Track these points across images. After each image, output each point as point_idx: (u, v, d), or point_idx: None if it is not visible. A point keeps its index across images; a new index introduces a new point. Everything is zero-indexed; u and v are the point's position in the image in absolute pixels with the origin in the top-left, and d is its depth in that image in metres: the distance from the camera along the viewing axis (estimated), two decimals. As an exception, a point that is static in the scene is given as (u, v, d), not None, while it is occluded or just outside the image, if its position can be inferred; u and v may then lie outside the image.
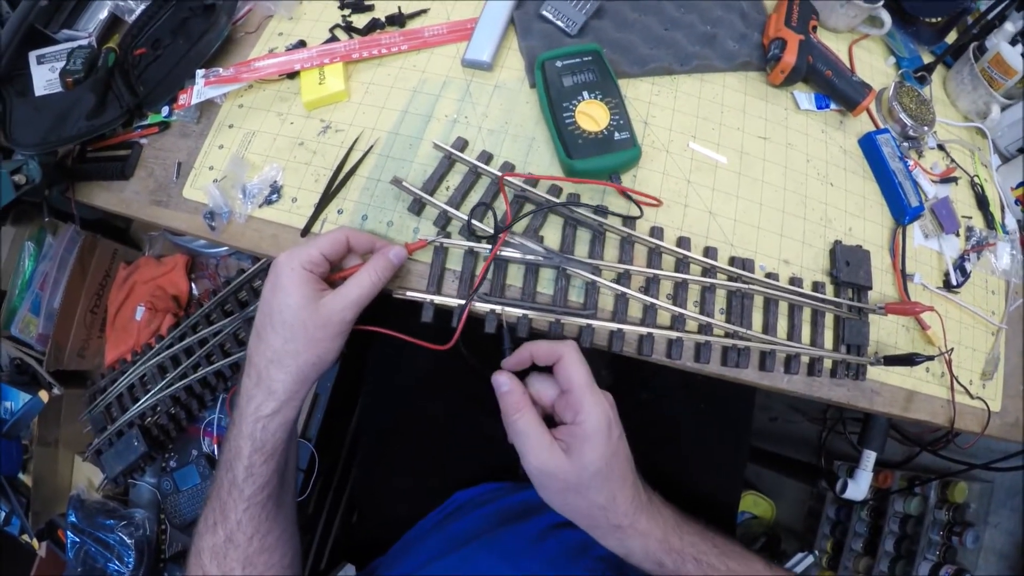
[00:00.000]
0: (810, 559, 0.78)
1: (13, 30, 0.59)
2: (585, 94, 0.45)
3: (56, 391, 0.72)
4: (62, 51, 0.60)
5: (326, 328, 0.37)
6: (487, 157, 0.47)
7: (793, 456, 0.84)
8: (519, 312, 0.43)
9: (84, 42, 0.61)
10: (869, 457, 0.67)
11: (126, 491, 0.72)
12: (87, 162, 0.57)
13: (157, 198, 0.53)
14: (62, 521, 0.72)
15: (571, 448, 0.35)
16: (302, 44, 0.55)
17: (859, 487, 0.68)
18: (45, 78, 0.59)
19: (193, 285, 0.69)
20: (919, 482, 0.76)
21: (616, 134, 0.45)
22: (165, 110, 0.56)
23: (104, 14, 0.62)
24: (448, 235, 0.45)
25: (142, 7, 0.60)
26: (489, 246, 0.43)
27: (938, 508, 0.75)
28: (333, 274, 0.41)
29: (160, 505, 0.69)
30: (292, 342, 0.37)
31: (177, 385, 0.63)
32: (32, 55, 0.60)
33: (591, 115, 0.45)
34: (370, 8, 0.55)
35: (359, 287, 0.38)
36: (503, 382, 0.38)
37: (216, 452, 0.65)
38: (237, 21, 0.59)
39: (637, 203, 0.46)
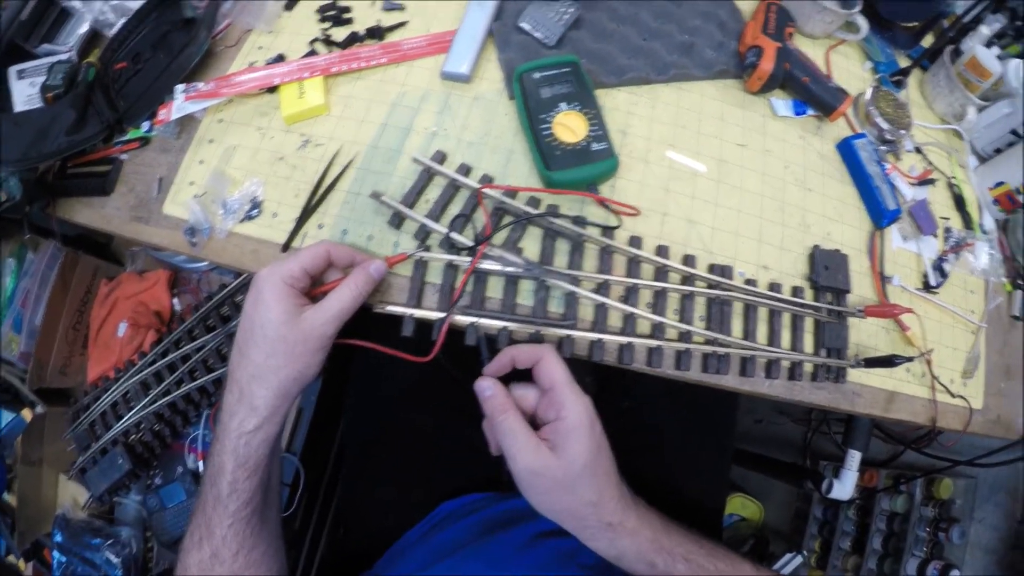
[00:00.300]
0: (799, 559, 0.78)
1: (-7, 45, 0.58)
2: (563, 105, 0.46)
3: (39, 409, 0.71)
4: (42, 66, 0.59)
5: (307, 343, 0.37)
6: (466, 170, 0.47)
7: (779, 458, 0.84)
8: (499, 324, 0.43)
9: (64, 56, 0.61)
10: (854, 457, 0.68)
11: (112, 509, 0.71)
12: (68, 178, 0.57)
13: (138, 214, 0.53)
14: (48, 541, 0.71)
15: (557, 445, 0.36)
16: (281, 58, 0.55)
17: (845, 487, 0.68)
18: (25, 93, 0.58)
19: (175, 300, 0.69)
20: (904, 480, 0.76)
21: (594, 145, 0.45)
22: (145, 125, 0.55)
23: (84, 28, 0.62)
24: (428, 248, 0.45)
25: (122, 21, 0.60)
26: (469, 259, 0.43)
27: (924, 505, 0.76)
28: (314, 288, 0.41)
29: (146, 523, 0.68)
30: (273, 357, 0.37)
31: (161, 402, 0.62)
32: (12, 70, 0.59)
33: (569, 126, 0.45)
34: (349, 21, 0.55)
35: (340, 301, 0.38)
36: (486, 386, 0.38)
37: (201, 468, 0.65)
38: (217, 35, 0.59)
39: (615, 213, 0.46)
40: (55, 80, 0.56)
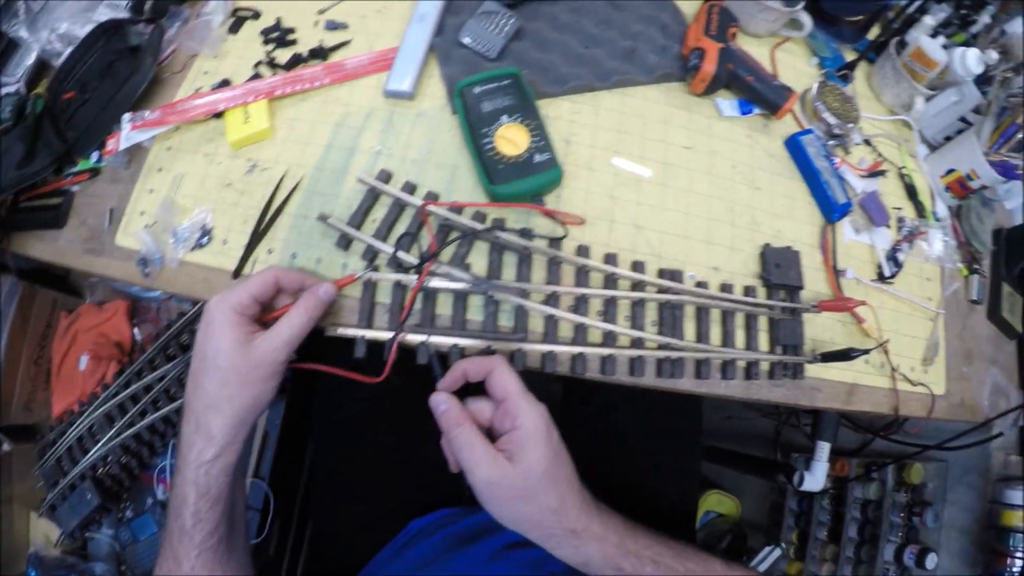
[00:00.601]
0: (777, 552, 0.79)
1: (-61, 79, 0.57)
2: (504, 118, 0.46)
3: (5, 447, 0.70)
4: None
5: (259, 370, 0.37)
6: (411, 188, 0.47)
7: (751, 452, 0.85)
8: (451, 340, 0.43)
9: (12, 88, 0.60)
10: (823, 448, 0.68)
11: (84, 545, 0.70)
12: (20, 212, 0.56)
13: (91, 246, 0.52)
14: (22, 580, 0.70)
15: (514, 454, 0.36)
16: (227, 82, 0.54)
17: (816, 478, 0.69)
18: (-28, 128, 0.57)
19: (136, 330, 0.68)
20: (875, 467, 0.77)
21: (536, 156, 0.45)
22: (95, 156, 0.55)
23: (32, 59, 0.61)
24: (376, 268, 0.45)
25: (69, 50, 0.60)
26: (416, 277, 0.43)
27: (896, 491, 0.77)
28: (265, 315, 0.41)
29: (120, 556, 0.67)
30: (227, 386, 0.37)
31: (126, 434, 0.62)
32: (-42, 104, 0.58)
33: (511, 139, 0.45)
34: (293, 43, 0.55)
35: (290, 327, 0.38)
36: (440, 401, 0.38)
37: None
38: (163, 62, 0.58)
39: (562, 223, 0.46)
40: (4, 113, 0.55)
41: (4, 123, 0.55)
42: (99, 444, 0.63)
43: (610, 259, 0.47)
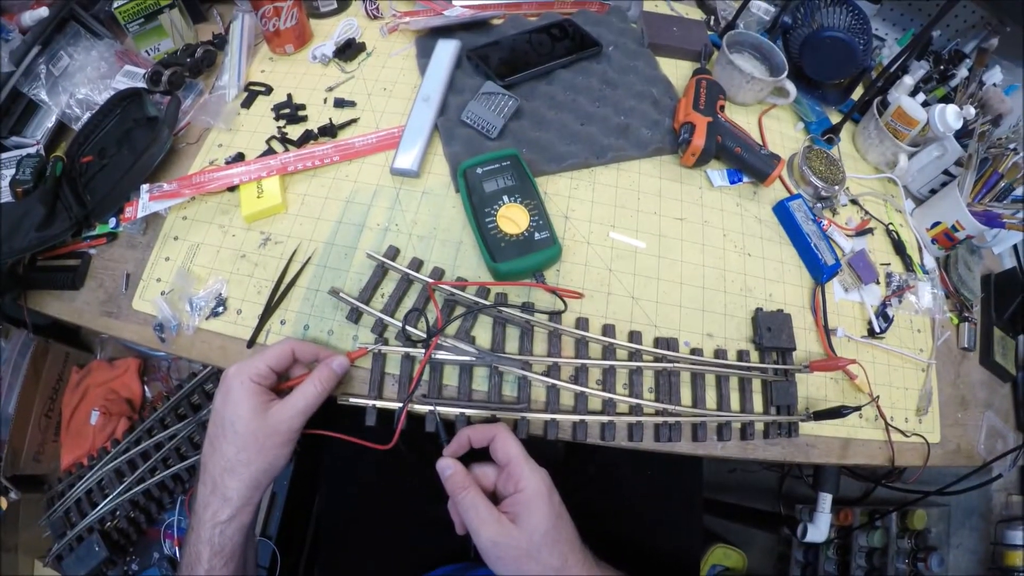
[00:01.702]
0: (783, 602, 0.79)
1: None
2: (505, 198, 0.48)
3: (14, 496, 0.71)
4: (12, 159, 0.61)
5: (275, 437, 0.39)
6: (418, 264, 0.49)
7: (755, 505, 0.85)
8: (457, 410, 0.45)
9: (32, 150, 0.63)
10: (825, 499, 0.69)
11: (89, 597, 0.70)
12: (38, 271, 0.58)
13: (108, 309, 0.54)
14: (24, 633, 0.70)
15: (518, 516, 0.37)
16: (241, 156, 0.57)
17: (819, 529, 0.69)
18: (-5, 186, 0.60)
19: (146, 388, 0.70)
20: (879, 515, 0.78)
21: (536, 234, 0.47)
22: (112, 221, 0.57)
23: (51, 122, 0.64)
24: (385, 341, 0.47)
25: (88, 116, 0.63)
26: (424, 350, 0.45)
27: (900, 537, 0.77)
28: (281, 384, 0.43)
29: (124, 611, 0.68)
30: (244, 451, 0.39)
31: (135, 489, 0.63)
32: (-19, 161, 0.61)
33: (512, 218, 0.47)
34: (304, 119, 0.58)
35: (304, 397, 0.40)
36: (446, 466, 0.40)
37: (177, 554, 0.65)
38: (178, 132, 0.61)
39: (561, 298, 0.48)
40: (24, 175, 0.58)
41: (25, 184, 0.58)
42: (108, 498, 0.64)
43: (608, 330, 0.49)
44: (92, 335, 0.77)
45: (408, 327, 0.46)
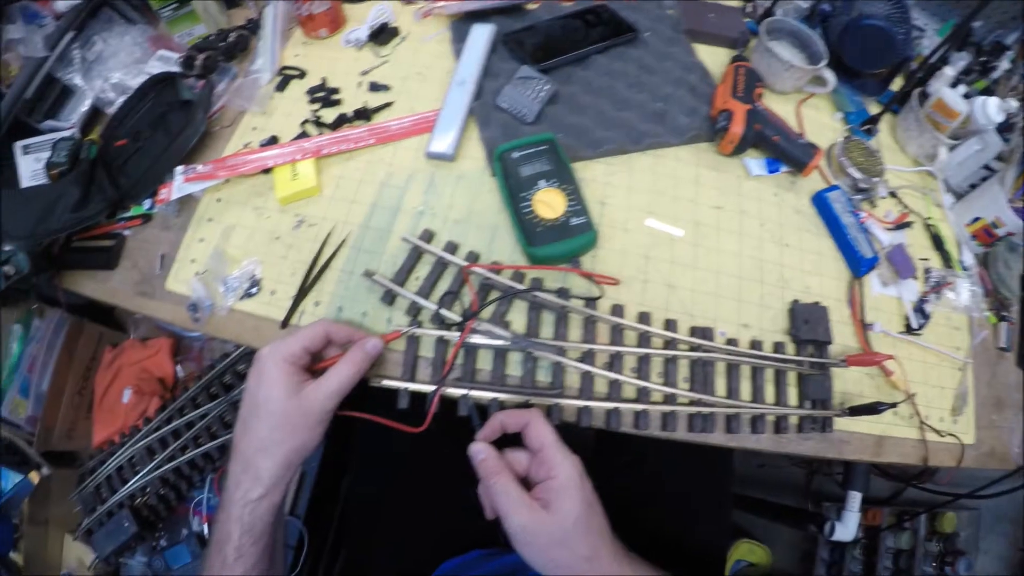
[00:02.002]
0: (807, 601, 0.78)
1: (0, 121, 0.61)
2: (542, 182, 0.48)
3: (45, 471, 0.72)
4: (47, 142, 0.62)
5: (308, 417, 0.39)
6: (453, 247, 0.49)
7: (782, 501, 0.84)
8: (490, 395, 0.45)
9: (67, 133, 0.63)
10: (854, 498, 0.68)
11: (117, 571, 0.72)
12: (73, 251, 0.59)
13: (142, 289, 0.55)
14: (54, 602, 0.71)
15: (549, 502, 0.37)
16: (275, 139, 0.58)
17: (847, 528, 0.68)
18: (31, 168, 0.61)
19: (178, 368, 0.71)
20: (908, 516, 0.76)
21: (573, 219, 0.47)
22: (147, 203, 0.58)
23: (86, 106, 0.65)
24: (420, 324, 0.47)
25: (122, 99, 0.63)
26: (458, 333, 0.45)
27: (928, 540, 0.76)
28: (315, 364, 0.43)
29: (152, 585, 0.69)
30: (277, 431, 0.39)
31: (166, 467, 0.64)
32: (17, 145, 0.62)
33: (548, 203, 0.47)
34: (338, 103, 0.58)
35: (338, 378, 0.40)
36: (479, 450, 0.40)
37: (206, 531, 0.66)
38: (212, 116, 0.61)
39: (597, 283, 0.48)
40: (59, 157, 0.58)
41: (60, 167, 0.58)
42: (139, 475, 0.65)
43: (644, 318, 0.48)
44: (126, 315, 0.78)
45: (443, 311, 0.46)
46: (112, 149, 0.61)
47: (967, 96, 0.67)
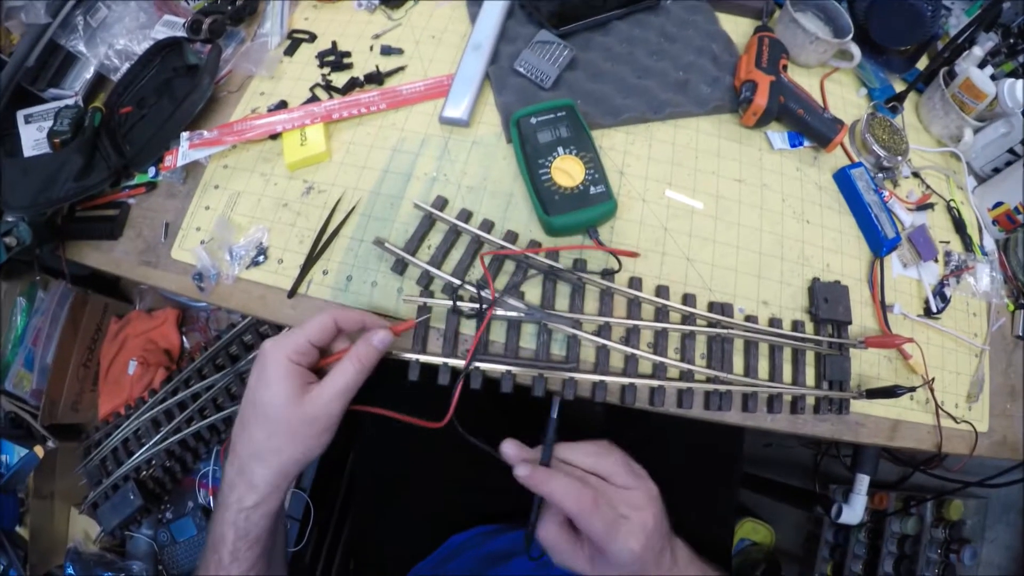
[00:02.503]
0: (810, 584, 0.78)
1: (1, 90, 0.59)
2: (560, 150, 0.46)
3: (51, 445, 0.72)
4: (49, 110, 0.61)
5: (312, 425, 0.36)
6: (466, 215, 0.48)
7: (789, 482, 0.84)
8: (502, 368, 0.44)
9: (70, 101, 0.62)
10: (862, 481, 0.68)
11: (123, 543, 0.72)
12: (76, 221, 0.58)
13: (146, 259, 0.54)
14: (60, 573, 0.72)
15: (595, 560, 0.36)
16: (283, 104, 0.56)
17: (854, 511, 0.68)
18: (33, 138, 0.60)
19: (184, 338, 0.70)
20: (914, 502, 0.76)
21: (592, 188, 0.45)
22: (152, 171, 0.57)
23: (90, 73, 0.64)
24: (431, 294, 0.46)
25: (127, 66, 0.62)
26: (471, 304, 0.44)
27: (935, 527, 0.75)
28: (322, 360, 0.40)
29: (157, 556, 0.69)
30: (275, 438, 0.36)
31: (171, 439, 0.63)
32: (20, 114, 0.61)
33: (566, 170, 0.46)
34: (349, 67, 0.56)
35: (344, 378, 0.37)
36: (518, 467, 0.37)
37: (211, 503, 0.65)
38: (219, 81, 0.60)
39: (615, 256, 0.46)
40: (62, 126, 0.57)
41: (63, 135, 0.57)
42: (144, 447, 0.65)
43: (662, 291, 0.47)
44: (131, 286, 0.77)
45: (459, 304, 0.44)
46: (116, 116, 0.60)
47: (993, 78, 0.65)
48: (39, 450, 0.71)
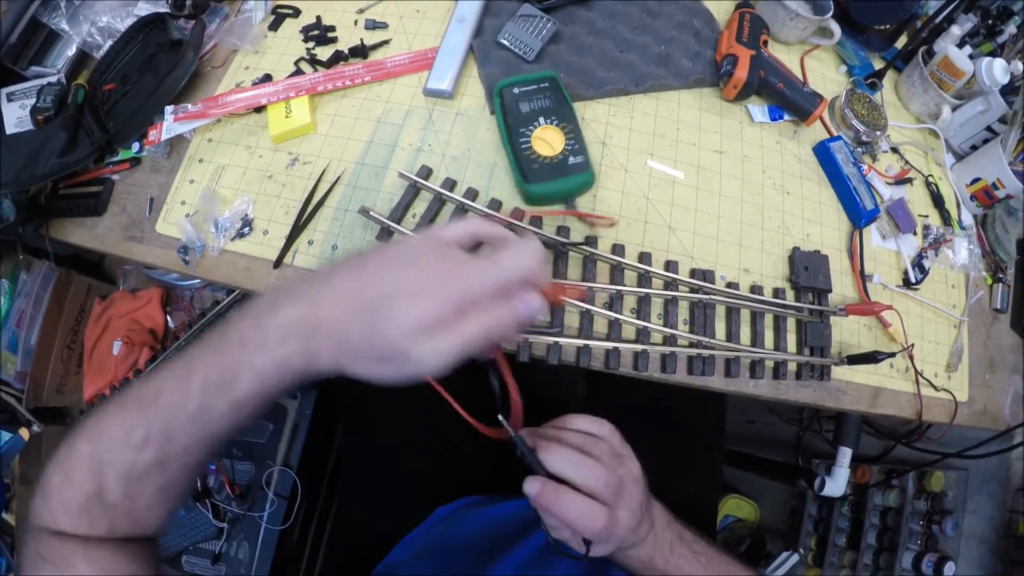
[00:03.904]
0: (795, 558, 0.79)
1: (-18, 69, 0.59)
2: (541, 120, 0.47)
3: (36, 428, 0.72)
4: (32, 88, 0.60)
5: (382, 351, 0.26)
6: (451, 184, 0.48)
7: (772, 457, 0.85)
8: (488, 333, 0.44)
9: (53, 79, 0.61)
10: (845, 454, 0.69)
11: (111, 527, 0.71)
12: (60, 199, 0.58)
13: (131, 234, 0.54)
14: (47, 560, 0.71)
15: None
16: (268, 78, 0.56)
17: (837, 484, 0.69)
18: (16, 116, 0.59)
19: (169, 318, 0.69)
20: (896, 474, 0.77)
21: (571, 158, 0.46)
22: (135, 146, 0.56)
23: (72, 50, 0.63)
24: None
25: (110, 43, 0.61)
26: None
27: (916, 498, 0.77)
28: None
29: (145, 539, 0.69)
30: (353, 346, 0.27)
31: (158, 418, 0.63)
32: (2, 92, 0.60)
33: (547, 140, 0.46)
34: (333, 40, 0.57)
35: (463, 338, 0.26)
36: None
37: (198, 485, 0.65)
38: (203, 56, 0.60)
39: (591, 225, 0.47)
40: (45, 103, 0.57)
41: (46, 112, 0.57)
42: (130, 429, 0.64)
43: (644, 258, 0.48)
44: (114, 266, 0.76)
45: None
46: (100, 93, 0.59)
47: (971, 58, 0.66)
48: (24, 433, 0.70)
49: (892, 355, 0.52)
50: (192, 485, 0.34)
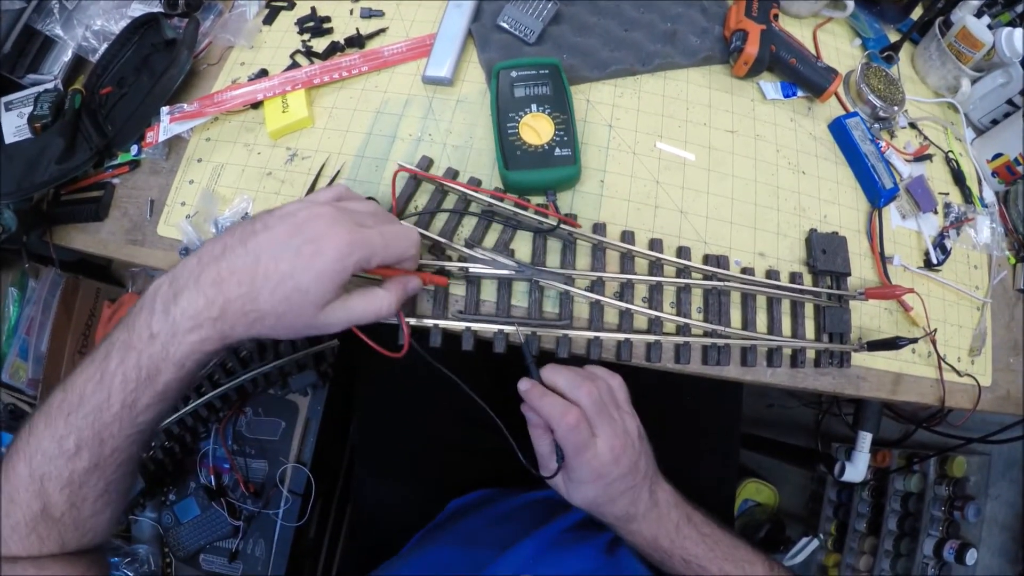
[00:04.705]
0: (815, 543, 0.78)
1: (-22, 80, 0.59)
2: (533, 107, 0.45)
3: (51, 433, 0.72)
4: (29, 96, 0.59)
5: (306, 329, 0.32)
6: (453, 174, 0.47)
7: (791, 441, 0.84)
8: (495, 327, 0.43)
9: (50, 85, 0.61)
10: (865, 439, 0.67)
11: (128, 527, 0.72)
12: (62, 205, 0.57)
13: (133, 237, 0.53)
14: (67, 562, 0.72)
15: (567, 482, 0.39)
16: (264, 73, 0.55)
17: (857, 469, 0.68)
18: (14, 124, 0.59)
19: (176, 319, 0.69)
20: (917, 459, 0.76)
21: (557, 150, 0.44)
22: (134, 149, 0.56)
23: (68, 56, 0.62)
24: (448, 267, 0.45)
25: (105, 46, 0.60)
26: (461, 264, 0.43)
27: (938, 484, 0.75)
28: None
29: (163, 539, 0.69)
30: (271, 318, 0.30)
31: (169, 419, 0.63)
32: (0, 102, 0.60)
33: (535, 128, 0.44)
34: (329, 32, 0.55)
35: (364, 308, 0.33)
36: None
37: (213, 483, 0.65)
38: (198, 54, 0.59)
39: (562, 223, 0.44)
40: (42, 110, 0.56)
41: (43, 120, 0.56)
42: (142, 431, 0.64)
43: (655, 245, 0.46)
44: (123, 269, 0.76)
45: (447, 264, 0.43)
46: (97, 97, 0.59)
47: (991, 28, 0.64)
48: (39, 439, 0.71)
49: (914, 341, 0.50)
50: (133, 480, 0.35)
